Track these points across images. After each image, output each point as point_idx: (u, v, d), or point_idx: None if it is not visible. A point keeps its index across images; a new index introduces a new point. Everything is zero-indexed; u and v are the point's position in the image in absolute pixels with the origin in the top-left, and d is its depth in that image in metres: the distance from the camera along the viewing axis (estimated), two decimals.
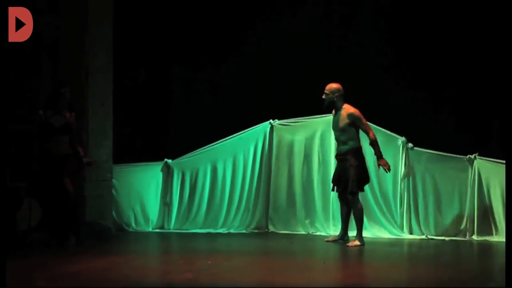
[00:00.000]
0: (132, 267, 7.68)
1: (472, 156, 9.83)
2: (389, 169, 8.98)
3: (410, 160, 9.97)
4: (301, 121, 10.44)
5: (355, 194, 8.96)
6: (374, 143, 8.92)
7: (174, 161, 10.67)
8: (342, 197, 9.18)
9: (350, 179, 8.90)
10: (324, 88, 9.15)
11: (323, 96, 9.08)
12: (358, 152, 9.00)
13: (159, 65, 11.68)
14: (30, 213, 9.32)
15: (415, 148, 9.97)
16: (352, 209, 9.05)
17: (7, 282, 6.16)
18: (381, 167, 8.97)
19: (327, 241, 9.25)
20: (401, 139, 9.99)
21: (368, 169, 9.24)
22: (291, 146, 10.46)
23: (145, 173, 10.61)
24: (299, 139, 10.43)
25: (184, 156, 10.68)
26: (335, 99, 9.02)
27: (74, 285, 6.52)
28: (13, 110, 9.73)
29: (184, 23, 11.72)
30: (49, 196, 8.94)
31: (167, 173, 10.61)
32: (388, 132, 10.03)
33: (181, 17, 11.70)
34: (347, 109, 8.98)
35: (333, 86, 9.06)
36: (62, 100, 9.00)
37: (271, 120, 10.50)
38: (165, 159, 10.64)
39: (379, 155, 8.93)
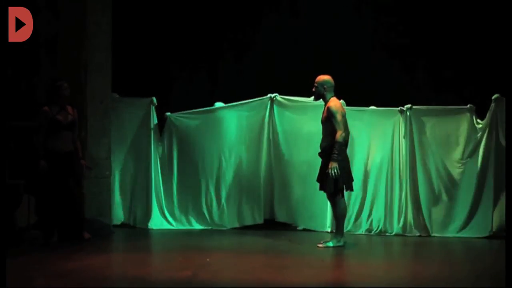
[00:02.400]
0: (130, 264, 7.70)
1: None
2: (335, 174, 8.52)
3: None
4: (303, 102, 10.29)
5: (334, 195, 8.72)
6: (335, 144, 8.55)
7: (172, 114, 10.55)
8: (328, 197, 8.98)
9: (327, 178, 8.63)
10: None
11: (313, 89, 8.93)
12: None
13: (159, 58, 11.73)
14: (29, 210, 9.34)
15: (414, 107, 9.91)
16: (332, 208, 8.88)
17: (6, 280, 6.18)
18: (330, 169, 8.53)
19: (319, 246, 8.78)
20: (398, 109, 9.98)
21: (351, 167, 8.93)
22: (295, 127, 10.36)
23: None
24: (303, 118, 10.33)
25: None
26: (324, 91, 8.82)
27: (73, 283, 6.54)
28: (12, 108, 9.74)
29: (183, 17, 11.74)
30: (52, 193, 8.98)
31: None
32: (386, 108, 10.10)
33: (180, 12, 11.71)
34: (329, 102, 8.75)
35: (322, 78, 8.85)
36: (61, 94, 9.06)
37: (270, 94, 10.39)
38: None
39: (334, 157, 8.51)
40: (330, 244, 8.70)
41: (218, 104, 10.45)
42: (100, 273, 6.94)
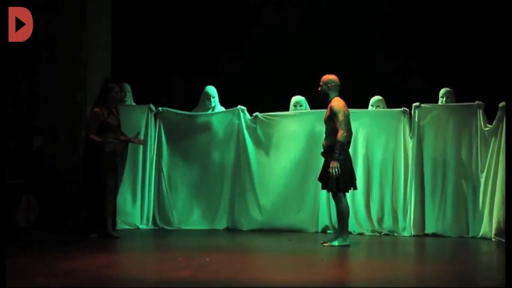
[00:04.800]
0: (130, 264, 7.71)
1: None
2: (336, 173, 8.52)
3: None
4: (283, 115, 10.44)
5: (335, 194, 8.69)
6: (337, 143, 8.52)
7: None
8: (332, 196, 8.94)
9: (329, 178, 8.60)
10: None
11: (319, 89, 8.89)
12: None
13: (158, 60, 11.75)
14: (29, 209, 9.35)
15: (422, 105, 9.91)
16: (336, 207, 8.81)
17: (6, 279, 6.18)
18: (331, 169, 8.53)
19: (324, 245, 8.79)
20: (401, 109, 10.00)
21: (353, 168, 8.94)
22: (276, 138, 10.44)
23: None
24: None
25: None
26: (329, 90, 8.77)
27: (72, 282, 6.53)
28: (11, 107, 9.75)
29: (183, 16, 11.76)
30: (96, 190, 9.21)
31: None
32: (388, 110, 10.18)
33: (180, 10, 11.73)
34: (332, 101, 8.71)
35: (327, 77, 8.83)
36: (111, 97, 9.27)
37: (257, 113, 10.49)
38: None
39: (335, 157, 8.50)
40: (336, 243, 8.69)
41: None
42: (100, 273, 6.93)
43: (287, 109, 10.52)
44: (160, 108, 10.53)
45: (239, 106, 10.46)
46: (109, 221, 9.32)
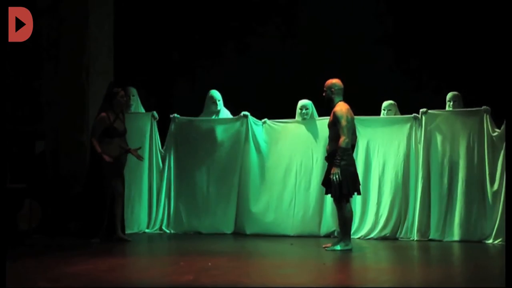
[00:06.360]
0: (132, 268, 7.70)
1: None
2: (336, 180, 8.45)
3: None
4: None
5: (339, 199, 8.64)
6: (338, 149, 8.44)
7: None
8: (334, 201, 8.91)
9: (332, 183, 8.52)
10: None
11: (323, 94, 8.82)
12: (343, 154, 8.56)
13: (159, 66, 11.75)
14: (31, 214, 9.34)
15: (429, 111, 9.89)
16: (338, 212, 8.79)
17: (7, 283, 6.16)
18: (331, 175, 8.49)
19: (325, 248, 8.79)
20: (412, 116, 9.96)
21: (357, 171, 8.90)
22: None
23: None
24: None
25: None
26: (332, 94, 8.71)
27: (74, 286, 6.52)
28: (14, 111, 9.74)
29: (184, 19, 11.77)
30: (100, 195, 9.21)
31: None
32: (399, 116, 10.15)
33: (182, 17, 11.74)
34: (336, 106, 8.64)
35: (330, 81, 8.77)
36: (116, 101, 9.31)
37: (264, 120, 10.51)
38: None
39: (336, 163, 8.44)
40: (338, 247, 8.64)
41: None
42: (102, 277, 6.92)
43: (293, 112, 10.50)
44: (175, 115, 10.52)
45: (243, 113, 10.44)
46: (119, 225, 9.32)
